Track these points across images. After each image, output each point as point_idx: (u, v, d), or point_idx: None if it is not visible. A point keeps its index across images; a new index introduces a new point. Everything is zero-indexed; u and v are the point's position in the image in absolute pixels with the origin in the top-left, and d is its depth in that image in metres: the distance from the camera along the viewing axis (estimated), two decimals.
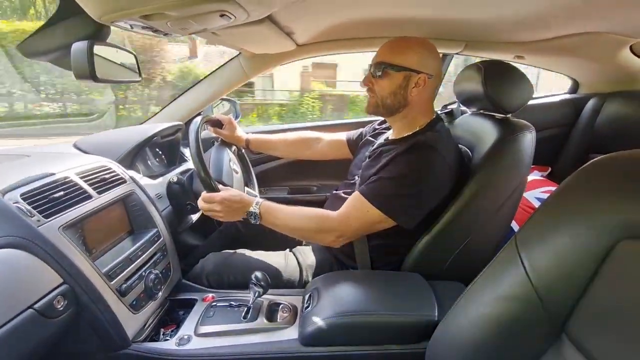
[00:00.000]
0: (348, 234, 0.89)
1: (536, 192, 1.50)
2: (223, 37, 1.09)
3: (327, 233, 0.89)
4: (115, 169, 0.92)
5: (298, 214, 0.92)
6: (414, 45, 0.91)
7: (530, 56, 1.50)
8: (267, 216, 0.91)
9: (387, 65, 0.90)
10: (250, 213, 0.90)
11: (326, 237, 0.90)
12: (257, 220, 0.91)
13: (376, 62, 0.92)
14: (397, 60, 0.90)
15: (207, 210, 0.93)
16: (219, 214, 0.91)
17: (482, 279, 0.56)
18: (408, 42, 0.92)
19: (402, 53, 0.90)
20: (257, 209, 0.90)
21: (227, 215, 0.92)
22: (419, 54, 0.90)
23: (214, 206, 0.91)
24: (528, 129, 0.94)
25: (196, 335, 0.78)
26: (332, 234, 0.88)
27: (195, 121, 0.98)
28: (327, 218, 0.91)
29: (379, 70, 0.91)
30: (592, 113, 1.65)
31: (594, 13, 0.97)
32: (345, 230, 0.88)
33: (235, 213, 0.91)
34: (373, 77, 0.93)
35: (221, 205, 0.90)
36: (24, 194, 0.67)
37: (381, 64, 0.91)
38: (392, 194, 0.85)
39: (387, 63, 0.90)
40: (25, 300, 0.58)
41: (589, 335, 0.42)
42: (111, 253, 0.80)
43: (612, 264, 0.41)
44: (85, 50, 0.75)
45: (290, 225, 0.92)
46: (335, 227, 0.89)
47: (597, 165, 0.47)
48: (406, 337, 0.75)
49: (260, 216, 0.90)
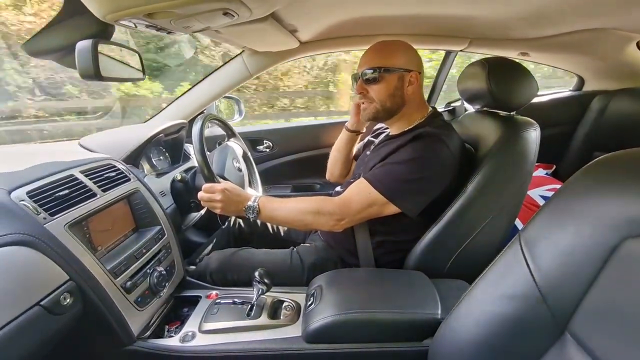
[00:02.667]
0: (348, 217, 0.88)
1: (540, 190, 1.49)
2: (226, 35, 1.09)
3: (327, 216, 0.88)
4: (119, 167, 0.92)
5: (296, 203, 0.92)
6: (398, 47, 0.94)
7: (535, 53, 1.49)
8: (265, 210, 0.91)
9: (382, 69, 0.91)
10: (249, 207, 0.90)
11: (326, 221, 0.89)
12: (255, 214, 0.91)
13: (368, 68, 0.92)
14: (390, 62, 0.91)
15: (206, 200, 0.93)
16: (217, 205, 0.91)
17: (486, 277, 0.56)
18: (391, 44, 0.94)
19: (391, 55, 0.92)
20: (256, 203, 0.90)
21: (225, 207, 0.92)
22: (405, 53, 0.93)
23: (213, 196, 0.91)
24: (532, 126, 0.93)
25: (200, 332, 0.79)
26: (332, 217, 0.88)
27: (199, 119, 0.98)
28: (327, 201, 0.91)
29: (374, 75, 0.91)
30: (598, 110, 1.63)
31: (601, 9, 0.96)
32: (345, 213, 0.88)
33: (234, 205, 0.91)
34: (366, 83, 0.93)
35: (221, 195, 0.90)
36: (30, 192, 0.67)
37: (375, 69, 0.91)
38: (396, 178, 0.85)
39: (381, 67, 0.91)
40: (33, 297, 0.59)
41: (592, 334, 0.42)
42: (116, 250, 0.80)
43: (616, 263, 0.40)
44: (90, 49, 0.75)
45: (290, 213, 0.91)
46: (334, 210, 0.88)
47: (602, 164, 0.46)
48: (409, 335, 0.75)
49: (259, 210, 0.90)
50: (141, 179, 0.96)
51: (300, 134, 1.83)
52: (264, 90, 4.60)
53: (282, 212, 0.91)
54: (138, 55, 0.97)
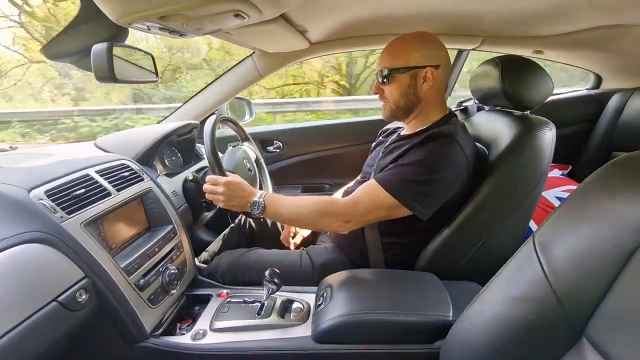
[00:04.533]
0: (355, 219, 0.86)
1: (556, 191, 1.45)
2: (237, 36, 1.11)
3: (333, 217, 0.86)
4: (133, 167, 0.94)
5: (303, 201, 0.90)
6: (411, 42, 0.90)
7: (549, 51, 1.46)
8: (271, 207, 0.89)
9: (391, 70, 0.90)
10: (254, 203, 0.89)
11: (333, 222, 0.87)
12: (260, 210, 0.89)
13: (380, 70, 0.92)
14: (398, 62, 0.89)
15: (209, 191, 0.92)
16: (219, 197, 0.90)
17: (499, 279, 0.55)
18: (404, 41, 0.91)
19: (401, 54, 0.89)
20: (262, 199, 0.89)
21: (229, 201, 0.90)
22: (418, 49, 0.89)
23: (217, 188, 0.90)
24: (548, 126, 0.91)
25: (211, 330, 0.79)
26: (339, 218, 0.86)
27: (210, 119, 1.00)
28: (334, 202, 0.89)
29: (385, 77, 0.91)
30: (616, 109, 1.59)
31: (620, 4, 0.93)
32: (352, 215, 0.86)
33: (237, 200, 0.90)
34: (381, 84, 0.93)
35: (224, 188, 0.89)
36: (48, 190, 0.69)
37: (385, 70, 0.90)
38: (407, 180, 0.83)
39: (390, 68, 0.90)
40: (50, 293, 0.60)
41: (610, 340, 0.40)
42: (129, 249, 0.82)
43: (635, 267, 0.39)
44: (105, 52, 0.77)
45: (295, 212, 0.90)
46: (341, 210, 0.86)
47: (620, 164, 0.45)
48: (420, 337, 0.74)
49: (265, 207, 0.89)
50: (154, 179, 0.97)
51: (311, 134, 1.83)
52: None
53: (288, 210, 0.90)
54: (151, 57, 0.99)
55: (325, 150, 1.79)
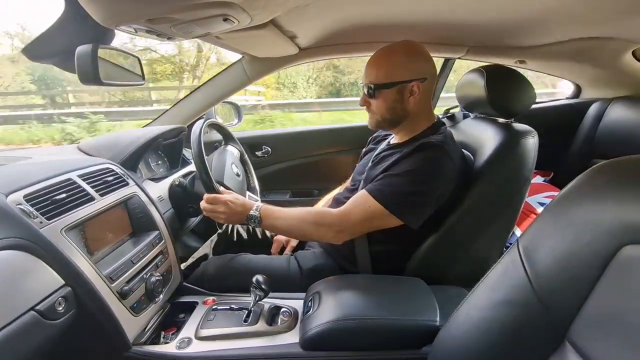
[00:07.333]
0: (348, 230, 0.88)
1: (539, 197, 1.49)
2: (226, 40, 1.10)
3: (327, 228, 0.88)
4: (117, 171, 0.92)
5: (297, 213, 0.92)
6: (396, 56, 0.89)
7: (532, 61, 1.51)
8: (266, 219, 0.91)
9: (376, 86, 0.90)
10: (251, 217, 0.91)
11: (326, 233, 0.89)
12: (257, 224, 0.91)
13: (366, 84, 0.92)
14: (384, 78, 0.89)
15: (209, 211, 0.93)
16: (220, 216, 0.92)
17: (484, 284, 0.55)
18: (390, 54, 0.90)
19: (386, 69, 0.89)
20: (257, 213, 0.91)
21: (228, 218, 0.92)
22: (403, 63, 0.88)
23: (217, 207, 0.91)
24: (531, 133, 0.94)
25: (197, 338, 0.78)
26: (332, 229, 0.88)
27: (198, 124, 0.99)
28: (327, 213, 0.91)
29: (370, 92, 0.91)
30: (595, 118, 1.64)
31: (597, 18, 0.98)
32: (344, 225, 0.87)
33: (237, 216, 0.92)
34: (367, 97, 0.93)
35: (224, 207, 0.91)
36: (27, 195, 0.67)
37: (370, 86, 0.90)
38: (397, 191, 0.84)
39: (375, 84, 0.90)
40: (27, 302, 0.58)
41: (592, 342, 0.41)
42: (113, 255, 0.80)
43: (615, 270, 0.40)
44: (90, 54, 0.76)
45: (290, 224, 0.91)
46: (334, 221, 0.88)
47: (599, 170, 0.46)
48: (408, 342, 0.74)
49: (261, 220, 0.91)
50: (139, 184, 0.95)
51: (299, 140, 1.83)
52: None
53: (283, 222, 0.92)
54: (138, 60, 0.98)
55: (314, 156, 1.79)
